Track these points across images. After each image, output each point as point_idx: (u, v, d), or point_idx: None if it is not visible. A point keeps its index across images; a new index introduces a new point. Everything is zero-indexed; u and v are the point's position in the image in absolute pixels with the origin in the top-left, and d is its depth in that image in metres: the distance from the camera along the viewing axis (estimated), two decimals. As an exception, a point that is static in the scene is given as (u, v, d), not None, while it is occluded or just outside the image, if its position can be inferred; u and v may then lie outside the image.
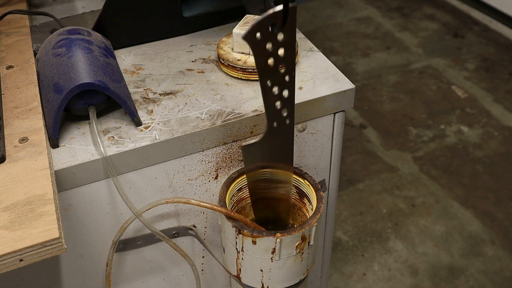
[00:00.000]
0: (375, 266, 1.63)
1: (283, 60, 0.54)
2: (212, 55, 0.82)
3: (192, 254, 0.80)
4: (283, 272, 0.69)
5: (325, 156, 0.81)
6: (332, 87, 0.75)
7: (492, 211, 1.78)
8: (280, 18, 0.52)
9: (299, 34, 0.85)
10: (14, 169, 0.59)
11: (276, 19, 0.52)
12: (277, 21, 0.52)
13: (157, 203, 0.68)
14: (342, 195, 1.85)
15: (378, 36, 2.71)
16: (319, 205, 0.69)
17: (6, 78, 0.73)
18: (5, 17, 0.84)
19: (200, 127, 0.69)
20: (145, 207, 0.68)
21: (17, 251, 0.51)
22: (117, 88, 0.67)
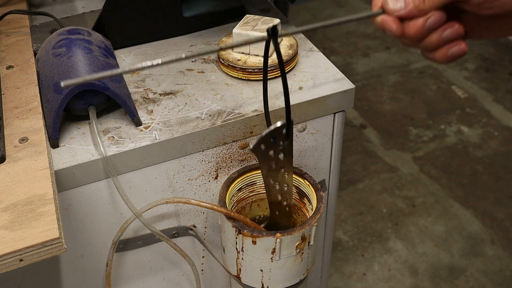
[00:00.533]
0: (375, 266, 1.63)
1: (283, 163, 0.64)
2: (212, 55, 0.82)
3: (192, 254, 0.80)
4: (283, 272, 0.69)
5: (325, 156, 0.81)
6: (332, 87, 0.75)
7: (492, 211, 1.78)
8: (281, 133, 0.60)
9: (299, 34, 0.85)
10: (14, 169, 0.59)
11: (278, 133, 0.60)
12: (278, 135, 0.61)
13: (157, 203, 0.68)
14: (342, 195, 1.85)
15: (378, 36, 2.71)
16: (319, 205, 0.69)
17: (6, 78, 0.73)
18: (5, 17, 0.84)
19: (200, 127, 0.69)
20: (145, 207, 0.68)
21: (17, 251, 0.51)
22: (117, 88, 0.67)
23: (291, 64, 0.77)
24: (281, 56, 0.58)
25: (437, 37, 0.52)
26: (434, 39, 0.52)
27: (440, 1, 0.50)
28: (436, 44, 0.53)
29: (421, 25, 0.51)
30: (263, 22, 0.77)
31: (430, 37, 0.52)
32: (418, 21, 0.51)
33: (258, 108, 0.72)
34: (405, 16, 0.52)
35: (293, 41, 0.79)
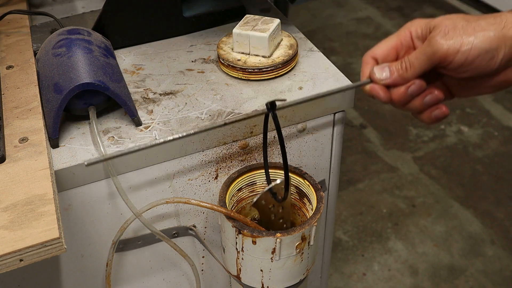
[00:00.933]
0: (375, 266, 1.63)
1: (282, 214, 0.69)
2: (212, 55, 0.82)
3: (192, 254, 0.80)
4: (283, 272, 0.69)
5: (325, 156, 0.81)
6: (332, 87, 0.74)
7: (492, 211, 1.78)
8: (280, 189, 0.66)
9: (299, 34, 0.85)
10: (14, 169, 0.59)
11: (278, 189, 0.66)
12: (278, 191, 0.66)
13: (157, 203, 0.68)
14: (342, 195, 1.85)
15: (378, 36, 2.70)
16: (319, 205, 0.69)
17: (6, 78, 0.73)
18: (5, 17, 0.84)
19: (200, 127, 0.69)
20: (145, 207, 0.68)
21: (17, 251, 0.51)
22: (117, 88, 0.67)
23: (291, 64, 0.77)
24: (281, 130, 0.62)
25: (419, 102, 0.59)
26: (417, 104, 0.59)
27: (421, 69, 0.57)
28: (420, 108, 0.60)
29: (403, 92, 0.58)
30: (263, 22, 0.77)
31: (413, 102, 0.59)
32: (401, 88, 0.58)
33: (258, 108, 0.72)
34: (390, 84, 0.59)
35: (293, 41, 0.79)
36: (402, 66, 0.58)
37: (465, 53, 0.54)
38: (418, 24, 0.59)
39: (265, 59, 0.76)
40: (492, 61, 0.55)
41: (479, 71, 0.56)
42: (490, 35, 0.54)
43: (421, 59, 0.57)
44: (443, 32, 0.55)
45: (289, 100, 0.72)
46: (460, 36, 0.55)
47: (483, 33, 0.54)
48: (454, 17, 0.57)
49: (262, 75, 0.75)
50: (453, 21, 0.56)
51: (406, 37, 0.60)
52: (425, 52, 0.56)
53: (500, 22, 0.55)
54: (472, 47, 0.54)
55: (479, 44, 0.54)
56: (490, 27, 0.54)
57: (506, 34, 0.54)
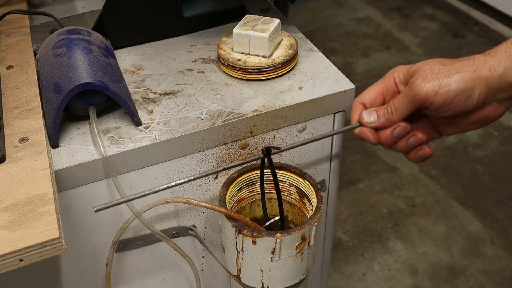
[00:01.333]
0: (375, 266, 1.63)
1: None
2: (212, 55, 0.82)
3: (192, 254, 0.80)
4: (283, 272, 0.69)
5: (325, 156, 0.81)
6: (332, 87, 0.75)
7: (492, 211, 1.78)
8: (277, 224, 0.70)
9: (299, 34, 0.85)
10: (14, 169, 0.59)
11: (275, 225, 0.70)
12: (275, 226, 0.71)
13: (157, 203, 0.68)
14: (342, 195, 1.85)
15: (378, 36, 2.71)
16: (319, 205, 0.69)
17: (6, 78, 0.73)
18: (5, 17, 0.84)
19: (200, 127, 0.69)
20: (145, 207, 0.68)
21: (17, 251, 0.51)
22: (117, 88, 0.67)
23: (291, 64, 0.77)
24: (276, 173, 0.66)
25: (404, 143, 0.65)
26: (403, 145, 0.65)
27: (405, 112, 0.62)
28: (406, 149, 0.65)
29: (390, 134, 0.64)
30: (263, 22, 0.77)
31: (399, 143, 0.65)
32: (387, 131, 0.64)
33: (258, 108, 0.72)
34: (378, 127, 0.64)
35: (293, 41, 0.79)
36: (388, 111, 0.64)
37: (443, 95, 0.59)
38: (400, 70, 0.65)
39: (265, 59, 0.76)
40: (469, 100, 0.60)
41: (459, 110, 0.61)
42: (465, 76, 0.59)
43: (404, 103, 0.62)
44: (422, 77, 0.60)
45: (291, 100, 0.73)
46: (438, 79, 0.60)
47: (458, 75, 0.59)
48: (432, 62, 0.62)
49: (262, 75, 0.75)
50: (430, 65, 0.61)
51: (390, 83, 0.66)
52: (407, 96, 0.61)
53: (474, 64, 0.60)
54: (449, 88, 0.59)
55: (455, 85, 0.59)
56: (464, 69, 0.60)
57: (479, 75, 0.59)
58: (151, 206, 0.68)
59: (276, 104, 0.72)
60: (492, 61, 0.60)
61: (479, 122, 0.63)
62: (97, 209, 0.59)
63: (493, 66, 0.60)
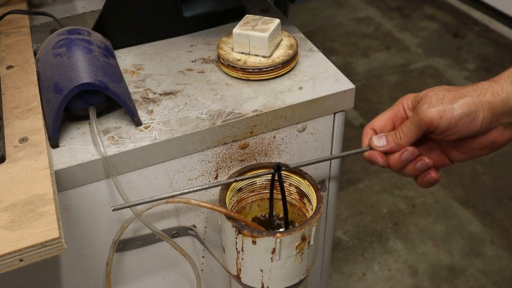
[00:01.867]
0: (375, 266, 1.63)
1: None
2: (212, 55, 0.82)
3: (192, 254, 0.80)
4: (283, 272, 0.69)
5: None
6: (332, 87, 0.75)
7: (492, 211, 1.78)
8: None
9: (299, 34, 0.85)
10: (14, 169, 0.59)
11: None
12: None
13: (157, 203, 0.68)
14: (342, 195, 1.85)
15: (378, 36, 2.71)
16: (319, 205, 0.69)
17: (6, 78, 0.73)
18: (5, 17, 0.84)
19: (200, 127, 0.69)
20: (145, 206, 0.68)
21: (17, 251, 0.51)
22: (117, 88, 0.67)
23: (291, 64, 0.77)
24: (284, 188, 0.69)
25: (412, 167, 0.67)
26: (411, 169, 0.68)
27: (413, 136, 0.65)
28: (413, 173, 0.68)
29: (398, 158, 0.67)
30: (263, 22, 0.77)
31: (408, 168, 0.68)
32: (395, 155, 0.67)
33: (258, 108, 0.72)
34: (388, 151, 0.67)
35: (293, 41, 0.79)
36: (397, 136, 0.66)
37: (447, 118, 0.62)
38: (409, 98, 0.68)
39: (265, 59, 0.76)
40: (473, 123, 0.62)
41: (464, 133, 0.63)
42: (468, 101, 0.62)
43: (411, 128, 0.65)
44: (428, 102, 0.63)
45: (291, 100, 0.73)
46: (442, 104, 0.62)
47: (462, 99, 0.62)
48: (437, 88, 0.65)
49: (262, 75, 0.75)
50: (436, 92, 0.64)
51: (400, 110, 0.69)
52: (414, 121, 0.64)
53: (477, 90, 0.62)
54: (453, 112, 0.62)
55: (459, 109, 0.62)
56: (468, 94, 0.62)
57: (482, 99, 0.62)
58: (151, 206, 0.68)
59: (276, 104, 0.72)
60: (495, 86, 0.62)
61: (486, 148, 0.65)
62: (114, 209, 0.61)
63: (496, 91, 0.62)
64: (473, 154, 0.67)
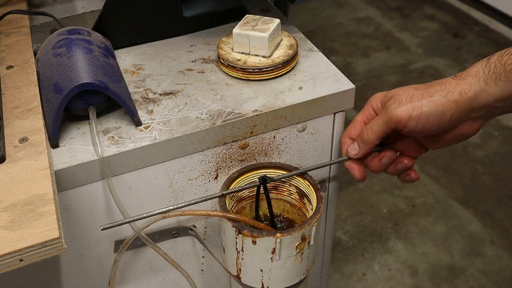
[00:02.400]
0: (375, 266, 1.63)
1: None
2: (212, 55, 0.82)
3: (192, 254, 0.80)
4: (283, 272, 0.69)
5: (325, 156, 0.81)
6: (332, 87, 0.75)
7: (492, 211, 1.78)
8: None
9: (299, 34, 0.85)
10: (14, 169, 0.59)
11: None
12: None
13: (155, 219, 0.67)
14: (342, 195, 1.85)
15: (378, 36, 2.71)
16: (319, 205, 0.69)
17: (6, 78, 0.73)
18: (5, 17, 0.84)
19: (200, 127, 0.69)
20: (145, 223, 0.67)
21: (17, 251, 0.51)
22: (117, 88, 0.67)
23: (291, 64, 0.77)
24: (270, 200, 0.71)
25: (393, 169, 0.72)
26: (392, 170, 0.72)
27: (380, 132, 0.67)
28: (395, 173, 0.72)
29: (377, 163, 0.71)
30: (263, 22, 0.77)
31: (389, 169, 0.72)
32: (375, 160, 0.70)
33: (258, 108, 0.72)
34: (362, 156, 0.70)
35: (293, 41, 0.79)
36: (364, 133, 0.68)
37: (416, 118, 0.64)
38: (378, 97, 0.70)
39: (265, 59, 0.76)
40: (442, 122, 0.64)
41: (432, 131, 0.65)
42: (436, 101, 0.63)
43: (380, 125, 0.66)
44: (398, 101, 0.65)
45: (291, 100, 0.73)
46: (411, 103, 0.64)
47: (429, 99, 0.63)
48: (406, 88, 0.66)
49: (262, 75, 0.75)
50: (405, 91, 0.65)
51: (370, 111, 0.70)
52: (383, 119, 0.66)
53: (445, 89, 0.63)
54: (422, 111, 0.63)
55: (427, 109, 0.63)
56: (436, 94, 0.63)
57: (450, 99, 0.63)
58: (150, 223, 0.68)
59: (276, 104, 0.72)
60: (463, 84, 0.63)
61: (457, 139, 0.68)
62: (103, 228, 0.61)
63: (463, 90, 0.63)
64: (445, 144, 0.69)
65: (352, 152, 0.70)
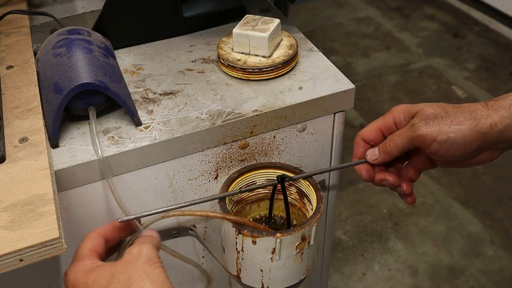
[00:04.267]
0: (375, 266, 1.63)
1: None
2: (212, 55, 0.82)
3: (192, 254, 0.80)
4: (283, 272, 0.69)
5: (325, 156, 0.81)
6: (332, 87, 0.75)
7: (492, 211, 1.78)
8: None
9: (299, 34, 0.85)
10: (14, 169, 0.59)
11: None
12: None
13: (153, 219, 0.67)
14: (342, 195, 1.85)
15: (378, 36, 2.71)
16: (319, 205, 0.69)
17: (6, 78, 0.73)
18: (5, 17, 0.84)
19: (200, 127, 0.69)
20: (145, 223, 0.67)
21: (17, 251, 0.51)
22: (117, 88, 0.67)
23: (291, 64, 0.77)
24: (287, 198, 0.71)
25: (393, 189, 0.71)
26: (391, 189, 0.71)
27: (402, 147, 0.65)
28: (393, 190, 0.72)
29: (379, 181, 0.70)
30: (263, 22, 0.77)
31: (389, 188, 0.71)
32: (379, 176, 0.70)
33: (258, 108, 0.72)
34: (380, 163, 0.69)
35: (293, 41, 0.79)
36: (387, 144, 0.67)
37: (440, 143, 0.62)
38: (401, 109, 0.68)
39: (265, 59, 0.76)
40: (465, 151, 0.62)
41: (452, 158, 0.64)
42: (464, 131, 0.61)
43: (404, 140, 0.65)
44: (425, 120, 0.63)
45: (291, 100, 0.73)
46: (439, 126, 0.62)
47: (458, 127, 0.61)
48: (434, 106, 0.64)
49: (262, 75, 0.75)
50: (434, 110, 0.63)
51: (389, 121, 0.68)
52: (407, 135, 0.64)
53: (475, 118, 0.61)
54: (447, 138, 0.61)
55: (454, 137, 0.61)
56: (465, 122, 0.61)
57: (480, 130, 0.61)
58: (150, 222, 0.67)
59: (276, 104, 0.72)
60: (494, 116, 0.61)
61: (471, 164, 0.67)
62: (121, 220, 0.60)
63: (494, 122, 0.61)
64: (457, 167, 0.68)
65: (372, 157, 0.69)
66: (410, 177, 0.71)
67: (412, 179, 0.71)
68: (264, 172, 0.73)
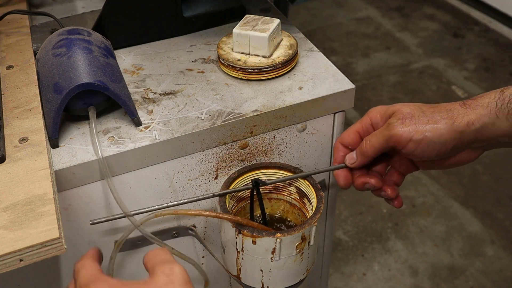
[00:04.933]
0: (375, 266, 1.63)
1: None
2: (212, 55, 0.82)
3: (192, 254, 0.80)
4: (283, 272, 0.69)
5: (325, 156, 0.81)
6: (332, 87, 0.75)
7: (492, 211, 1.78)
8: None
9: (299, 34, 0.85)
10: (14, 169, 0.59)
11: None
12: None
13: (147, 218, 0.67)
14: (342, 195, 1.85)
15: (378, 36, 2.71)
16: (319, 205, 0.69)
17: (6, 78, 0.73)
18: (5, 17, 0.84)
19: (200, 127, 0.69)
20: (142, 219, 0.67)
21: (17, 251, 0.51)
22: (117, 88, 0.67)
23: (291, 64, 0.77)
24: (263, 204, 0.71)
25: (377, 193, 0.71)
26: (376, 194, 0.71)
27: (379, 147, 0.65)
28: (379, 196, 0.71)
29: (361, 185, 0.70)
30: (263, 22, 0.77)
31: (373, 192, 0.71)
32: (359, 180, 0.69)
33: (258, 108, 0.72)
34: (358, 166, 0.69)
35: (293, 41, 0.79)
36: (363, 145, 0.66)
37: (416, 142, 0.61)
38: (377, 111, 0.67)
39: (265, 59, 0.76)
40: (441, 151, 0.61)
41: (431, 157, 0.63)
42: (441, 130, 0.60)
43: (380, 140, 0.64)
44: (401, 120, 0.62)
45: (291, 100, 0.73)
46: (415, 125, 0.61)
47: (434, 126, 0.60)
48: (411, 106, 0.63)
49: (262, 75, 0.75)
50: (410, 109, 0.63)
51: (366, 123, 0.68)
52: (383, 134, 0.64)
53: (452, 117, 0.60)
54: (423, 138, 0.61)
55: (430, 136, 0.60)
56: (441, 121, 0.60)
57: (456, 129, 0.60)
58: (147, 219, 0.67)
59: (276, 104, 0.72)
60: (471, 115, 0.60)
61: (451, 165, 0.66)
62: (92, 223, 0.61)
63: (471, 120, 0.60)
64: (438, 168, 0.68)
65: (350, 161, 0.69)
66: (395, 181, 0.70)
67: (396, 183, 0.71)
68: (264, 172, 0.74)
